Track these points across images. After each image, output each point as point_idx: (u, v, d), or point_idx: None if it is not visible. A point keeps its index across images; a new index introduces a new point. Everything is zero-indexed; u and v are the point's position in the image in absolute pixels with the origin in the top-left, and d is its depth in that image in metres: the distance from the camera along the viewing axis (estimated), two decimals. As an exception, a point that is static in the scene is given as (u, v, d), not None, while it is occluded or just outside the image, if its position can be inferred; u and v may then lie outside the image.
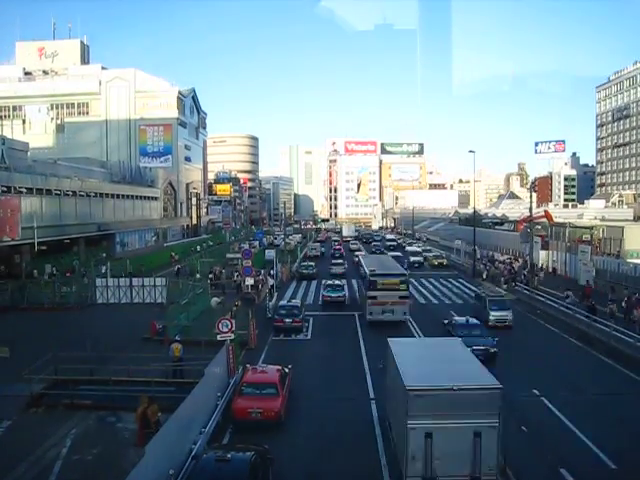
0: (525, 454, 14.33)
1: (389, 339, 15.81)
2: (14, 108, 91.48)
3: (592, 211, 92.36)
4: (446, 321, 26.73)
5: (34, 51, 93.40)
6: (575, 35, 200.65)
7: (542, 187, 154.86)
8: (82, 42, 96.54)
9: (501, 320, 28.61)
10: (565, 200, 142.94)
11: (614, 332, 23.97)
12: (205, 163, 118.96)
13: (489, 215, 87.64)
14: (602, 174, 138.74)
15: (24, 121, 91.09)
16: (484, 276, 47.06)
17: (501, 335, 24.82)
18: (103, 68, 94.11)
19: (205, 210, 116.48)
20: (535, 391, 19.13)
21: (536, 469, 13.79)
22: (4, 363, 19.50)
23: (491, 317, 28.57)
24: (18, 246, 43.74)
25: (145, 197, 75.13)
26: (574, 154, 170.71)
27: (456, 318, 26.59)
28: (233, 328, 19.60)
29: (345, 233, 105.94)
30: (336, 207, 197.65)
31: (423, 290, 42.47)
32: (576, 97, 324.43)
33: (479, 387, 11.95)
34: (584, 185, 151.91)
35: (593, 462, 14.10)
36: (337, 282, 38.00)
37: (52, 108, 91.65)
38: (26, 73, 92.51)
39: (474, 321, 25.44)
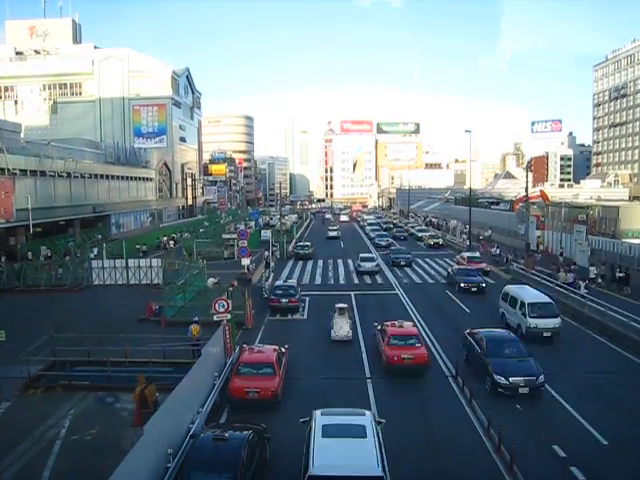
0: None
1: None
2: (6, 88, 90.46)
3: (588, 191, 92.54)
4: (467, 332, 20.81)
5: (25, 30, 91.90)
6: (573, 13, 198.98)
7: (538, 167, 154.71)
8: (74, 21, 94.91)
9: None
10: (561, 180, 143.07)
11: (609, 312, 24.12)
12: (200, 143, 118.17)
13: (485, 195, 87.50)
14: (598, 154, 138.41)
15: (16, 102, 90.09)
16: None
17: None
18: (96, 47, 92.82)
19: (200, 191, 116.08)
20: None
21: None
22: (1, 345, 19.52)
23: None
24: (13, 228, 43.60)
25: (140, 178, 74.76)
26: (570, 133, 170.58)
27: (482, 331, 20.14)
28: (229, 308, 19.69)
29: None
30: (332, 187, 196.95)
31: (418, 269, 42.57)
32: (573, 76, 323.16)
33: None
34: (580, 165, 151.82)
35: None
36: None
37: (45, 88, 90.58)
38: (17, 53, 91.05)
39: (507, 334, 20.15)
